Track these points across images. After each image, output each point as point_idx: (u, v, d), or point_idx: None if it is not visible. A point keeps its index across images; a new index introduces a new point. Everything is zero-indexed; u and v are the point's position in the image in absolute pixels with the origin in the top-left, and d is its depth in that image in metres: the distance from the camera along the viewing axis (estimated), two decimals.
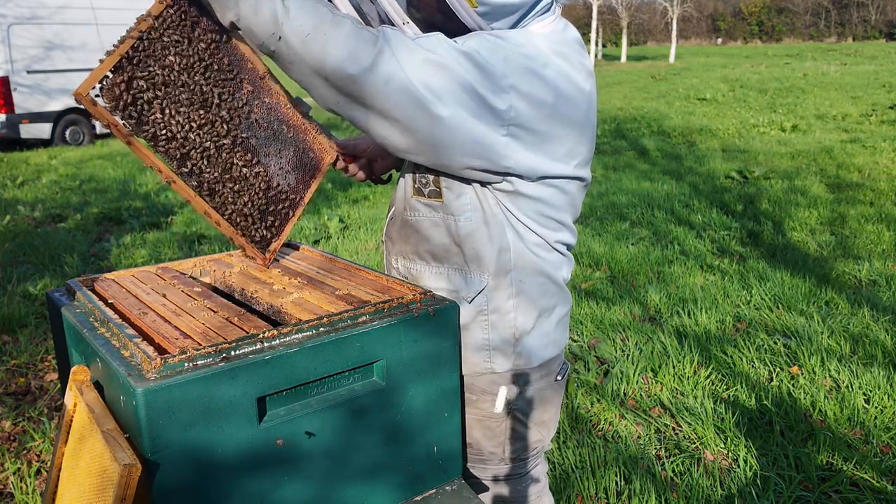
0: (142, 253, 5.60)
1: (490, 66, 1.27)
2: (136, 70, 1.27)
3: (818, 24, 78.69)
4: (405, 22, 1.31)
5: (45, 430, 3.07)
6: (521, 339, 1.49)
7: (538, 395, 1.54)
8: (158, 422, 1.04)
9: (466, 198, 1.41)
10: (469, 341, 1.48)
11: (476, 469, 1.57)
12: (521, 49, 1.31)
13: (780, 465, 2.74)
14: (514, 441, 1.55)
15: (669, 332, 3.88)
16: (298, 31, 1.20)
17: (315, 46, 1.20)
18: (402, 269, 1.55)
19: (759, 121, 12.58)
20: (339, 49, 1.20)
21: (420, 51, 1.24)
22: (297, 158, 1.55)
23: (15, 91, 11.51)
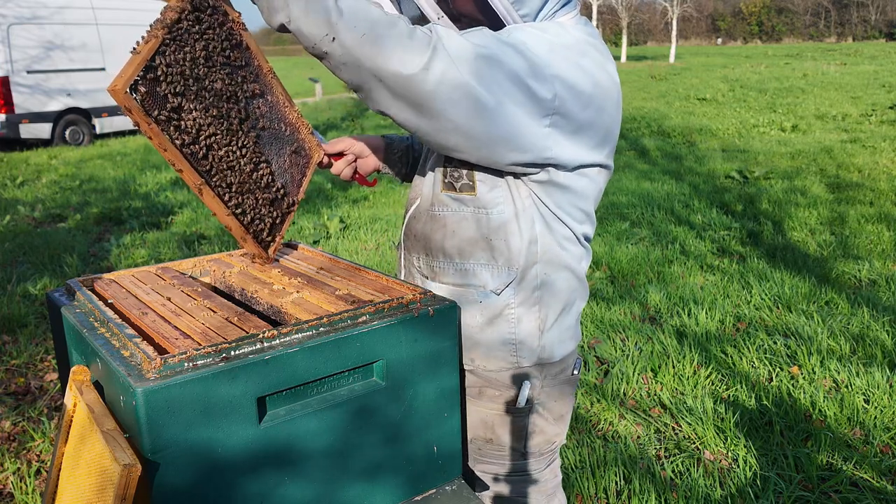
0: (142, 253, 5.60)
1: (536, 56, 1.27)
2: (166, 62, 1.28)
3: (818, 24, 78.69)
4: (440, 16, 1.30)
5: (44, 430, 3.07)
6: (545, 333, 1.49)
7: (558, 389, 1.55)
8: (158, 422, 1.04)
9: (499, 190, 1.41)
10: (495, 336, 1.48)
11: (496, 465, 1.57)
12: (562, 39, 1.32)
13: (779, 465, 2.74)
14: (534, 435, 1.55)
15: (669, 332, 3.88)
16: (353, 31, 1.16)
17: (370, 48, 1.17)
18: (423, 266, 1.54)
19: (759, 121, 12.59)
20: (394, 50, 1.18)
21: (471, 46, 1.23)
22: (293, 157, 1.58)
23: (15, 91, 11.51)
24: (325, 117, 15.63)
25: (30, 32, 11.78)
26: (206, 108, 1.37)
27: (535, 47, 1.28)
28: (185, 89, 1.32)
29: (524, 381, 1.50)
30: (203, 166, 1.39)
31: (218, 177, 1.41)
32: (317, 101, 20.47)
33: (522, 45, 1.27)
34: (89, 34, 12.59)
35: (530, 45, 1.28)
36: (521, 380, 1.50)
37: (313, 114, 16.64)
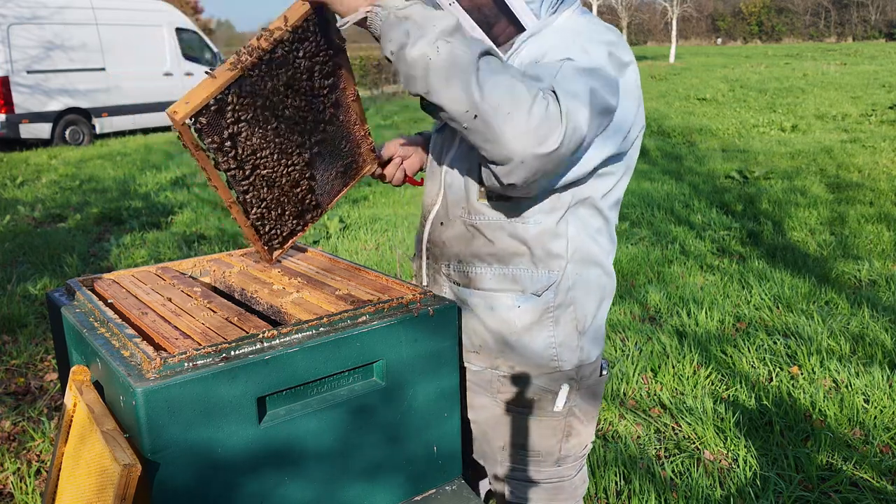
0: (142, 253, 5.60)
1: (611, 76, 1.28)
2: (241, 93, 1.22)
3: (818, 24, 78.71)
4: (451, 3, 1.29)
5: (44, 430, 3.07)
6: (583, 334, 1.48)
7: (591, 390, 1.54)
8: (158, 422, 1.04)
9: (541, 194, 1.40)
10: (535, 341, 1.45)
11: (529, 471, 1.55)
12: (612, 44, 1.33)
13: (779, 465, 2.74)
14: (570, 439, 1.53)
15: (669, 332, 3.88)
16: (495, 111, 1.14)
17: (511, 128, 1.14)
18: (455, 273, 1.50)
19: (758, 121, 12.58)
20: (536, 131, 1.15)
21: (584, 97, 1.21)
22: (341, 171, 1.54)
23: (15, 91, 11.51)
24: None
25: (30, 32, 11.77)
26: (265, 135, 1.31)
27: (607, 66, 1.29)
28: (252, 119, 1.27)
29: (563, 384, 1.48)
30: (241, 186, 1.35)
31: (253, 194, 1.38)
32: None
33: (603, 69, 1.28)
34: (89, 34, 12.58)
35: (603, 63, 1.29)
36: (560, 383, 1.48)
37: None
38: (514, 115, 1.13)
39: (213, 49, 15.20)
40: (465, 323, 1.50)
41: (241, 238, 6.03)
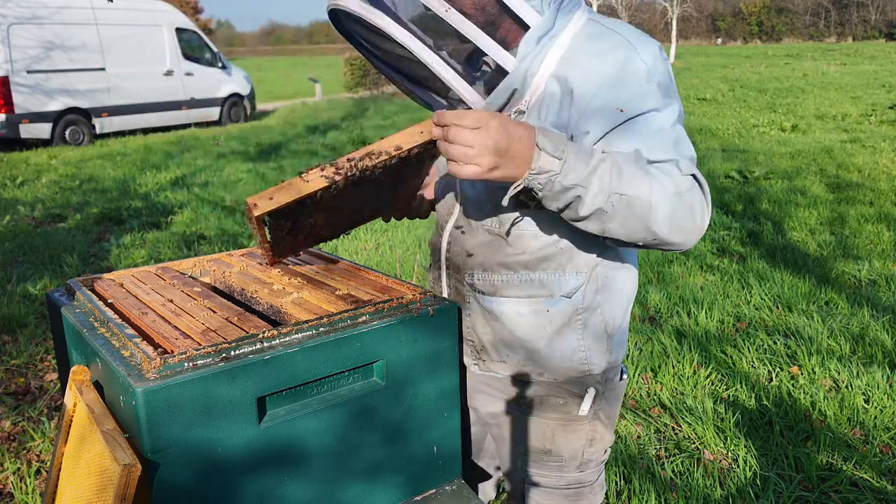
0: (142, 253, 5.60)
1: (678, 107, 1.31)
2: (322, 196, 1.22)
3: (818, 24, 78.71)
4: (447, 9, 1.24)
5: (44, 430, 3.07)
6: (612, 336, 1.47)
7: (614, 393, 1.53)
8: (158, 422, 1.04)
9: None
10: (565, 344, 1.44)
11: (551, 477, 1.54)
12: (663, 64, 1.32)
13: (779, 465, 2.74)
14: (594, 443, 1.52)
15: (669, 332, 3.88)
16: (671, 233, 1.24)
17: (686, 236, 1.25)
18: (479, 283, 1.46)
19: (759, 121, 12.59)
20: (692, 233, 1.26)
21: (692, 153, 1.27)
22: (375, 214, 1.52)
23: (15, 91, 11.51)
24: (325, 117, 15.63)
25: (30, 32, 11.78)
26: (329, 219, 1.34)
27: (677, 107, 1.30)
28: (324, 211, 1.28)
29: (589, 388, 1.47)
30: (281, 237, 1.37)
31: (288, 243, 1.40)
32: (317, 101, 20.46)
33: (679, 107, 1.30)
34: (89, 34, 12.59)
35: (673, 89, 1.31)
36: (587, 387, 1.47)
37: (314, 114, 16.65)
38: (685, 228, 1.24)
39: (213, 49, 15.20)
40: (491, 332, 1.48)
41: (241, 238, 6.03)
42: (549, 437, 1.50)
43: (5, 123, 11.40)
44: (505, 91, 1.30)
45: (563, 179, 1.18)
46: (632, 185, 1.19)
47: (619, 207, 1.19)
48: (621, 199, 1.19)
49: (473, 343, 1.52)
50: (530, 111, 1.32)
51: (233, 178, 8.76)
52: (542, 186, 1.19)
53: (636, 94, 1.25)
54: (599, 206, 1.19)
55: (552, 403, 1.48)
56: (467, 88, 1.30)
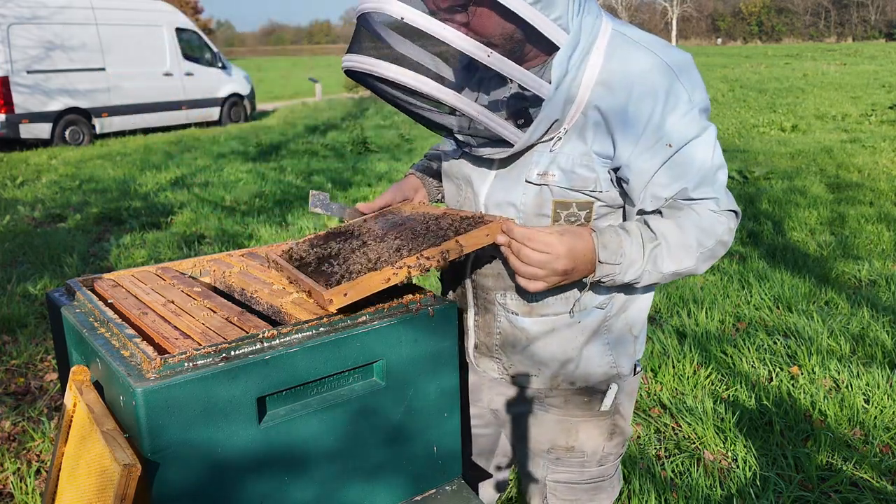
0: (142, 253, 5.60)
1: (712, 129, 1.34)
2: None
3: (818, 24, 78.70)
4: (489, 54, 1.20)
5: (44, 430, 3.07)
6: (637, 337, 1.50)
7: (631, 387, 1.55)
8: (158, 422, 1.04)
9: (610, 216, 1.40)
10: (594, 352, 1.45)
11: (573, 473, 1.55)
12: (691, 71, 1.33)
13: (779, 465, 2.74)
14: (613, 437, 1.55)
15: (669, 332, 3.88)
16: (708, 266, 1.38)
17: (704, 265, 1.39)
18: (512, 303, 1.46)
19: (759, 121, 12.58)
20: (726, 251, 1.40)
21: (725, 175, 1.35)
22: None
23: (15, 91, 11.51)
24: (325, 117, 15.63)
25: (30, 32, 11.77)
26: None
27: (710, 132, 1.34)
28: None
29: (611, 384, 1.49)
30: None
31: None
32: (317, 101, 20.46)
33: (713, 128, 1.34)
34: (89, 34, 12.59)
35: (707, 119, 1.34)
36: (609, 383, 1.49)
37: (313, 114, 16.65)
38: (718, 257, 1.39)
39: (213, 49, 15.20)
40: (523, 352, 1.48)
41: (241, 238, 6.03)
42: (573, 434, 1.52)
43: (5, 123, 11.39)
44: (545, 122, 1.29)
45: (623, 278, 1.32)
46: (682, 260, 1.34)
47: (672, 278, 1.38)
48: (674, 274, 1.36)
49: (501, 361, 1.52)
50: (569, 136, 1.32)
51: (233, 178, 8.76)
52: (605, 283, 1.34)
53: (681, 126, 1.29)
54: (654, 281, 1.36)
55: (576, 402, 1.50)
56: (507, 126, 1.28)
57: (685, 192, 1.31)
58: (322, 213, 1.68)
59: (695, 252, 1.33)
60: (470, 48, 1.18)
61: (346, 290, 1.20)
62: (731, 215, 1.35)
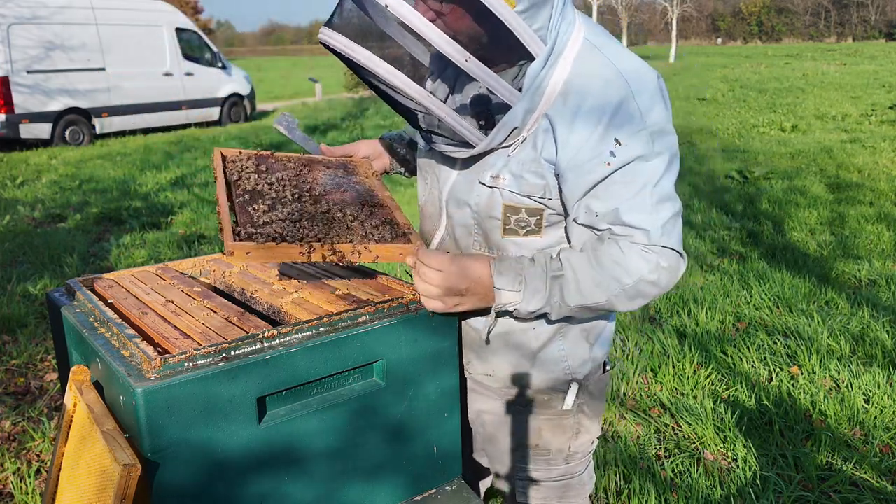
0: (142, 253, 5.60)
1: (675, 140, 1.32)
2: None
3: (818, 25, 78.71)
4: (467, 59, 1.21)
5: (44, 430, 3.07)
6: (594, 344, 1.51)
7: (597, 386, 1.56)
8: (158, 422, 1.04)
9: (562, 228, 1.39)
10: (548, 357, 1.47)
11: (540, 471, 1.56)
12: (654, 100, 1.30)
13: (779, 465, 2.74)
14: (580, 435, 1.55)
15: (669, 332, 3.88)
16: (634, 305, 1.33)
17: (646, 302, 1.34)
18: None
19: (759, 121, 12.58)
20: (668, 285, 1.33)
21: (675, 221, 1.31)
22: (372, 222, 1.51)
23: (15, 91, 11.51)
24: (325, 117, 15.63)
25: (30, 32, 11.77)
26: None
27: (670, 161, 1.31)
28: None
29: (571, 384, 1.50)
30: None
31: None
32: (317, 101, 20.46)
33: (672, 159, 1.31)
34: (89, 34, 12.58)
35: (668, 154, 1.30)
36: (570, 383, 1.50)
37: (313, 114, 16.65)
38: (650, 296, 1.33)
39: (213, 49, 15.19)
40: (479, 352, 1.50)
41: None
42: (536, 433, 1.53)
43: (5, 123, 11.39)
44: (505, 129, 1.30)
45: (527, 307, 1.31)
46: (591, 295, 1.31)
47: (584, 312, 1.34)
48: (583, 308, 1.32)
49: (461, 360, 1.54)
50: (525, 144, 1.33)
51: None
52: (512, 312, 1.33)
53: (624, 144, 1.26)
54: (566, 314, 1.34)
55: (537, 401, 1.51)
56: (470, 129, 1.30)
57: (617, 213, 1.28)
58: (285, 134, 1.71)
59: (609, 288, 1.29)
60: (450, 51, 1.19)
61: (251, 250, 1.23)
62: (668, 253, 1.29)
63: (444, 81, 1.45)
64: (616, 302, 1.31)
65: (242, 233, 1.26)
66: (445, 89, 1.45)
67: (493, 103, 1.32)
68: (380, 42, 1.30)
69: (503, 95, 1.26)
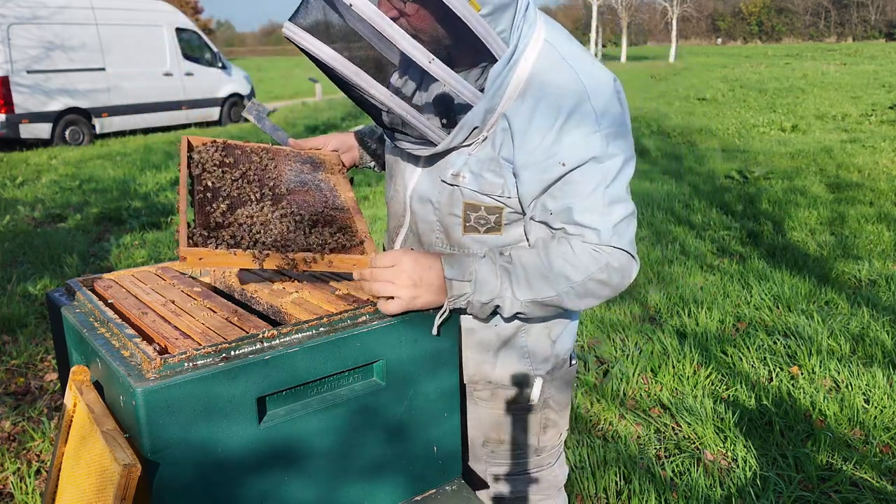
0: (142, 253, 5.60)
1: (631, 145, 1.33)
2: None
3: (818, 24, 78.71)
4: (431, 60, 1.23)
5: (45, 430, 3.07)
6: (556, 341, 1.52)
7: (563, 380, 1.57)
8: (158, 422, 1.04)
9: (521, 225, 1.41)
10: (510, 355, 1.49)
11: (509, 465, 1.58)
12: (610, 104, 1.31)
13: (779, 465, 2.74)
14: (547, 430, 1.57)
15: (669, 332, 3.88)
16: (585, 303, 1.35)
17: (598, 302, 1.37)
18: None
19: (758, 121, 12.58)
20: (619, 287, 1.35)
21: (629, 223, 1.33)
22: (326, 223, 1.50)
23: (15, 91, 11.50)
24: (325, 117, 15.62)
25: (30, 32, 11.77)
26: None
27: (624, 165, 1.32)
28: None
29: (537, 377, 1.51)
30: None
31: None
32: (317, 101, 20.46)
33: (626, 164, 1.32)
34: (89, 34, 12.58)
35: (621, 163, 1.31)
36: (534, 378, 1.52)
37: (313, 114, 16.65)
38: (602, 296, 1.35)
39: (213, 49, 15.19)
40: None
41: None
42: (504, 428, 1.55)
43: (5, 123, 11.39)
44: (465, 129, 1.32)
45: (480, 297, 1.31)
46: (540, 290, 1.31)
47: (535, 308, 1.34)
48: (535, 304, 1.33)
49: None
50: (485, 143, 1.36)
51: None
52: (465, 307, 1.32)
53: (579, 147, 1.29)
54: (518, 311, 1.33)
55: (502, 396, 1.53)
56: (431, 128, 1.33)
57: (570, 212, 1.31)
58: (254, 123, 1.71)
59: (557, 285, 1.31)
60: (414, 53, 1.21)
61: (204, 255, 1.22)
62: (618, 254, 1.31)
63: (411, 79, 1.47)
64: (566, 299, 1.32)
65: (197, 236, 1.25)
66: (413, 86, 1.47)
67: (455, 103, 1.34)
68: (344, 39, 1.30)
69: (465, 96, 1.28)
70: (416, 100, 1.45)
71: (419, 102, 1.43)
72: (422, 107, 1.36)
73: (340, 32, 1.29)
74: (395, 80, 1.45)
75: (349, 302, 1.35)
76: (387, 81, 1.30)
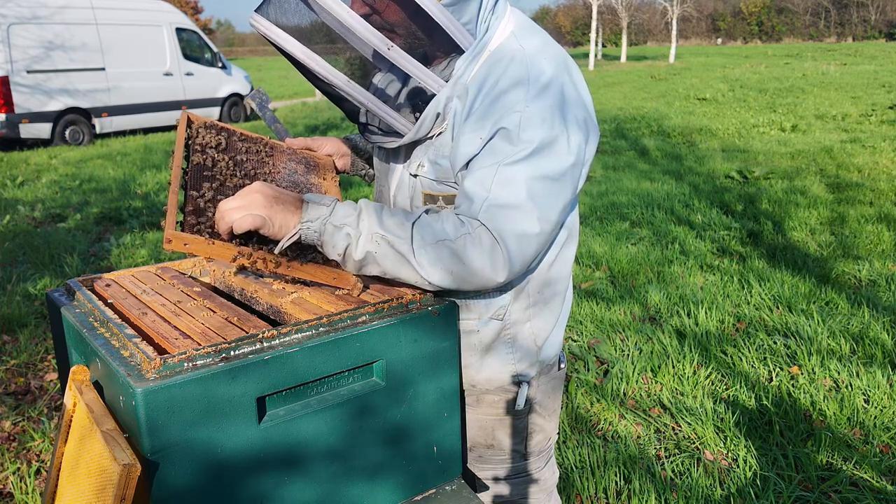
0: (142, 253, 5.60)
1: (557, 143, 1.28)
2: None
3: (818, 24, 78.72)
4: (389, 47, 1.25)
5: (44, 430, 3.07)
6: (542, 347, 1.51)
7: (550, 385, 1.57)
8: (158, 422, 1.04)
9: None
10: (495, 359, 1.49)
11: (497, 469, 1.58)
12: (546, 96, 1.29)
13: (779, 465, 2.74)
14: (534, 434, 1.57)
15: (669, 332, 3.88)
16: (442, 278, 1.26)
17: (463, 281, 1.28)
18: None
19: (758, 121, 12.58)
20: (481, 271, 1.26)
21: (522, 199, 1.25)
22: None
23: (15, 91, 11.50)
24: (325, 117, 15.63)
25: (30, 32, 11.77)
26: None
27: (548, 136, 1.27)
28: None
29: (522, 383, 1.51)
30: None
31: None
32: (317, 101, 20.46)
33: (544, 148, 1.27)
34: (89, 34, 12.58)
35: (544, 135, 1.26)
36: (520, 383, 1.51)
37: (313, 114, 16.65)
38: (460, 274, 1.26)
39: (213, 49, 15.20)
40: None
41: None
42: (490, 433, 1.55)
43: (5, 123, 11.39)
44: (430, 117, 1.34)
45: (333, 219, 1.24)
46: (393, 230, 1.25)
47: (385, 250, 1.25)
48: (384, 240, 1.24)
49: None
50: (446, 132, 1.37)
51: None
52: (318, 232, 1.25)
53: (498, 121, 1.28)
54: (369, 249, 1.25)
55: (488, 400, 1.52)
56: (397, 118, 1.34)
57: (463, 178, 1.31)
58: (255, 110, 1.72)
59: (411, 236, 1.25)
60: (372, 39, 1.23)
61: (190, 241, 1.21)
62: (483, 233, 1.25)
63: (382, 72, 1.49)
64: (417, 255, 1.25)
65: (186, 222, 1.25)
66: (383, 79, 1.49)
67: (422, 93, 1.36)
68: (308, 27, 1.32)
69: (427, 83, 1.30)
70: (386, 91, 1.47)
71: (390, 94, 1.45)
72: (389, 98, 1.38)
73: (304, 21, 1.31)
74: (380, 77, 1.48)
75: (349, 302, 1.35)
76: (347, 70, 1.31)
